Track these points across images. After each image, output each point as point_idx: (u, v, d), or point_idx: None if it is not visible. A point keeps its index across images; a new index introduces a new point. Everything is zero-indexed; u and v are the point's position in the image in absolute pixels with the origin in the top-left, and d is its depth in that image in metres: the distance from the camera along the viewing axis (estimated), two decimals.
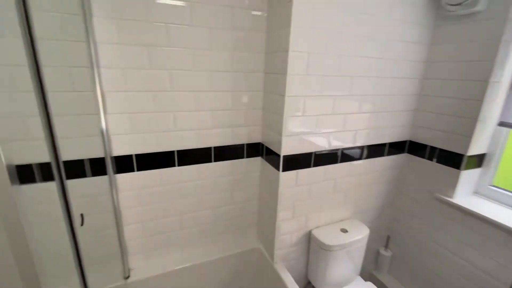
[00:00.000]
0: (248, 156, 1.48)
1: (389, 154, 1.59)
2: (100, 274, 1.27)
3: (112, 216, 1.22)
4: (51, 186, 0.85)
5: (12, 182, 0.42)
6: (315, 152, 1.34)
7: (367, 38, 1.26)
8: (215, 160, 1.40)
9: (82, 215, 0.75)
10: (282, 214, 1.37)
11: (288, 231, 1.44)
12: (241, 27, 1.24)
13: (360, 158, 1.50)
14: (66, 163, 1.09)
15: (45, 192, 1.07)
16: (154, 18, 1.09)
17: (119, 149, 1.19)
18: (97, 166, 1.16)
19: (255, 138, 1.46)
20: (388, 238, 1.85)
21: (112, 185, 1.18)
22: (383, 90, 1.41)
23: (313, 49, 1.16)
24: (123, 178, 1.23)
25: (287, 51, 1.11)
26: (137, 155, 1.22)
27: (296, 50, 1.12)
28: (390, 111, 1.48)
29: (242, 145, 1.44)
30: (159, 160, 1.27)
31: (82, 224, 0.75)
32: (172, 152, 1.29)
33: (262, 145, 1.46)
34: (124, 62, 1.09)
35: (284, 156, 1.26)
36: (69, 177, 1.12)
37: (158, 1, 1.07)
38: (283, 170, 1.29)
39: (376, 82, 1.37)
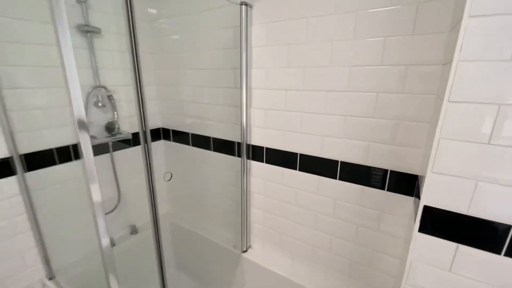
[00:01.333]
0: (390, 189, 1.01)
1: None
2: (228, 236, 1.57)
3: (243, 193, 1.43)
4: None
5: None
6: None
7: None
8: (340, 179, 1.12)
9: (170, 173, 0.99)
10: None
11: None
12: None
13: None
14: (221, 141, 1.45)
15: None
16: (297, 14, 1.06)
17: (255, 139, 1.34)
18: (240, 149, 1.40)
19: (409, 167, 0.96)
20: None
21: (243, 167, 1.37)
22: None
23: None
24: (255, 165, 1.38)
25: (461, 18, 0.60)
26: (266, 148, 1.31)
27: (481, 14, 0.57)
28: None
29: (384, 170, 1.01)
30: (283, 159, 1.27)
31: (169, 179, 1.00)
32: (295, 154, 1.22)
33: (420, 179, 0.93)
34: (268, 62, 1.19)
35: (426, 207, 0.72)
36: (222, 151, 1.47)
37: None
38: (422, 230, 0.74)
39: None
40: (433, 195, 0.71)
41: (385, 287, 1.12)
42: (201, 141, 1.57)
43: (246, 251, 1.52)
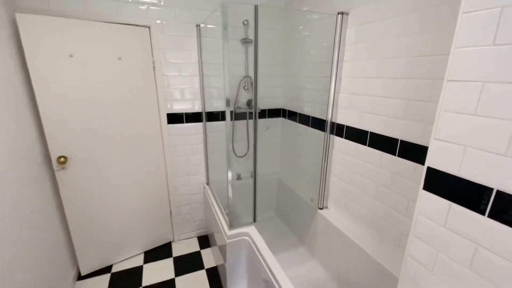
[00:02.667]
0: None
1: None
2: (311, 194, 2.00)
3: (321, 160, 1.81)
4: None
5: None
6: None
7: None
8: (399, 155, 1.29)
9: (267, 126, 1.56)
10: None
11: None
12: None
13: None
14: (316, 119, 1.88)
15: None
16: (380, 15, 1.32)
17: (339, 118, 1.68)
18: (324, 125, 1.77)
19: None
20: None
21: (327, 141, 1.75)
22: None
23: None
24: (337, 140, 1.72)
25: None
26: (346, 126, 1.62)
27: (471, 10, 0.72)
28: None
29: None
30: (357, 135, 1.54)
31: (266, 130, 1.57)
32: (367, 132, 1.47)
33: None
34: (354, 56, 1.50)
35: (429, 168, 0.89)
36: (316, 128, 1.90)
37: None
38: (425, 188, 0.91)
39: None
40: (434, 158, 0.87)
41: None
42: (303, 119, 2.07)
43: (322, 208, 1.90)
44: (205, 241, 2.37)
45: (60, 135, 1.65)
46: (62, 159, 1.66)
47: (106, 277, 1.94)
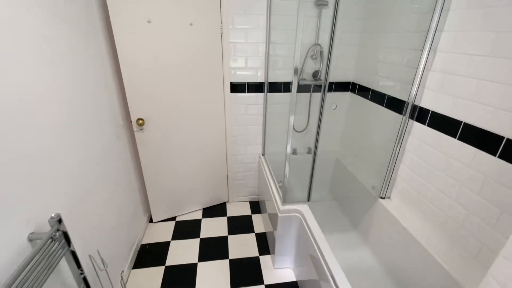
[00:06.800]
0: None
1: None
2: (372, 181, 1.85)
3: (392, 146, 1.61)
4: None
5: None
6: None
7: None
8: (501, 157, 1.04)
9: (335, 104, 1.42)
10: None
11: None
12: None
13: None
14: (392, 98, 1.64)
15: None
16: None
17: (424, 101, 1.42)
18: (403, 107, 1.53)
19: None
20: None
21: (403, 125, 1.53)
22: None
23: None
24: (416, 126, 1.49)
25: None
26: (432, 111, 1.37)
27: None
28: None
29: None
30: (445, 124, 1.29)
31: (334, 109, 1.43)
32: (459, 122, 1.22)
33: None
34: (459, 25, 1.19)
35: None
36: (391, 108, 1.67)
37: None
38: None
39: None
40: None
41: None
42: (377, 97, 1.83)
43: (383, 198, 1.75)
44: (256, 206, 2.50)
45: (139, 100, 1.82)
46: (140, 121, 1.87)
47: (172, 223, 2.26)
